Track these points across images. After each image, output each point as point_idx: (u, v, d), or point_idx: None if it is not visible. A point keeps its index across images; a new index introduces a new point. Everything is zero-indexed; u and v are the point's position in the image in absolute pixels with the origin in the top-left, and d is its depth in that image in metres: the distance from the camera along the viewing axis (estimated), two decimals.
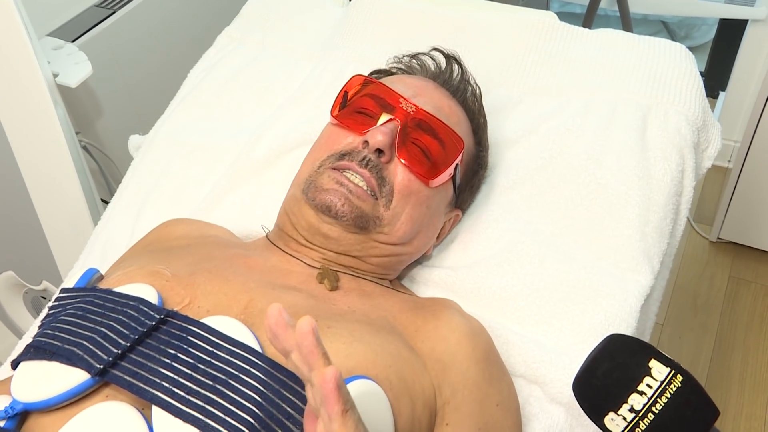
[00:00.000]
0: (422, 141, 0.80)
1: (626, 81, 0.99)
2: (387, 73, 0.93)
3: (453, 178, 0.83)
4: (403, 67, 0.93)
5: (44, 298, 1.40)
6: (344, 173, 0.77)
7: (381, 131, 0.77)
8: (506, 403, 0.73)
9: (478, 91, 0.91)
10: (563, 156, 0.94)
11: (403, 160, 0.78)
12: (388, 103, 0.80)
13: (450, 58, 0.91)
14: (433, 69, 0.91)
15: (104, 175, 1.50)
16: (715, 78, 2.08)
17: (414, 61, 0.93)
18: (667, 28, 2.43)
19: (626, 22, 1.89)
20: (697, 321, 1.71)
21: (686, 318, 1.72)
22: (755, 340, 1.66)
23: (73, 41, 1.42)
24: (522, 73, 1.04)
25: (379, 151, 0.77)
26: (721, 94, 2.00)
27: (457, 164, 0.82)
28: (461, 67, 0.90)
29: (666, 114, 0.95)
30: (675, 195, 0.91)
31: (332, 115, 0.83)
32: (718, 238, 1.85)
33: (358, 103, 0.82)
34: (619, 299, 0.82)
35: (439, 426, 0.68)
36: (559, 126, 0.96)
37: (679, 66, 0.99)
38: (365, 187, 0.76)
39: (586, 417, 0.77)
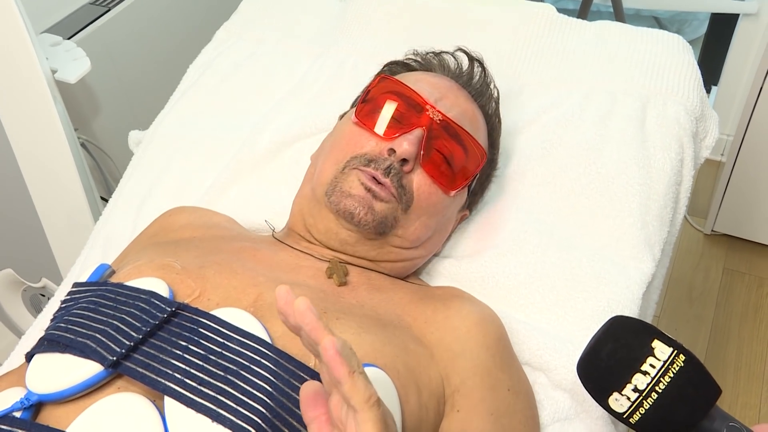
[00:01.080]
0: (446, 149, 0.79)
1: (625, 72, 1.00)
2: (405, 66, 0.91)
3: (470, 189, 0.84)
4: (421, 61, 0.91)
5: (43, 295, 1.40)
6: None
7: (408, 140, 0.75)
8: (517, 387, 0.73)
9: (496, 94, 0.90)
10: (564, 146, 0.95)
11: (426, 170, 0.78)
12: (414, 108, 0.79)
13: (473, 60, 0.89)
14: (453, 68, 0.89)
15: (102, 172, 1.50)
16: (708, 72, 2.08)
17: (435, 59, 0.90)
18: (659, 24, 2.45)
19: (619, 17, 1.90)
20: (693, 313, 1.72)
21: (682, 310, 1.73)
22: (750, 331, 1.67)
23: (68, 39, 1.41)
24: (522, 64, 1.05)
25: (404, 160, 0.76)
26: (714, 89, 2.02)
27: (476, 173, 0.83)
28: (484, 70, 0.89)
29: (665, 104, 0.96)
30: (675, 184, 0.92)
31: (355, 115, 0.81)
32: (712, 230, 1.87)
33: (382, 104, 0.80)
34: (621, 286, 0.83)
35: (449, 413, 0.69)
36: (559, 117, 0.97)
37: (677, 57, 1.00)
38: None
39: (590, 402, 0.79)
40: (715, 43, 2.14)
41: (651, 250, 0.87)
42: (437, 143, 0.78)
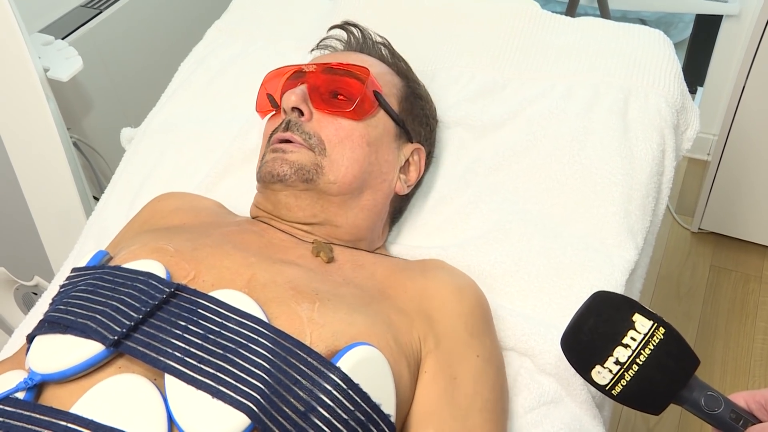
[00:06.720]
0: (331, 86, 0.83)
1: (607, 65, 1.02)
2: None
3: (385, 109, 0.86)
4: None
5: (35, 294, 1.40)
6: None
7: (291, 92, 0.81)
8: (487, 355, 0.74)
9: (387, 42, 0.95)
10: (548, 138, 0.96)
11: (322, 110, 0.82)
12: (293, 75, 0.86)
13: (345, 26, 0.96)
14: (338, 46, 0.96)
15: (94, 171, 1.51)
16: (693, 74, 2.13)
17: (320, 45, 0.99)
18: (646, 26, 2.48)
19: (606, 18, 1.92)
20: (681, 309, 1.74)
21: (670, 307, 1.75)
22: (736, 327, 1.70)
23: (61, 40, 1.42)
24: (507, 58, 1.07)
25: (299, 112, 0.81)
26: (699, 89, 2.04)
27: (376, 92, 0.85)
28: (360, 30, 0.95)
29: (646, 96, 0.98)
30: (657, 174, 0.94)
31: (257, 111, 0.90)
32: (699, 228, 1.89)
33: (272, 90, 0.88)
34: (605, 273, 0.85)
35: (420, 375, 0.71)
36: (543, 109, 0.99)
37: (658, 50, 1.02)
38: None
39: (575, 386, 0.80)
40: (700, 45, 2.17)
41: (634, 239, 0.89)
42: (322, 87, 0.83)
